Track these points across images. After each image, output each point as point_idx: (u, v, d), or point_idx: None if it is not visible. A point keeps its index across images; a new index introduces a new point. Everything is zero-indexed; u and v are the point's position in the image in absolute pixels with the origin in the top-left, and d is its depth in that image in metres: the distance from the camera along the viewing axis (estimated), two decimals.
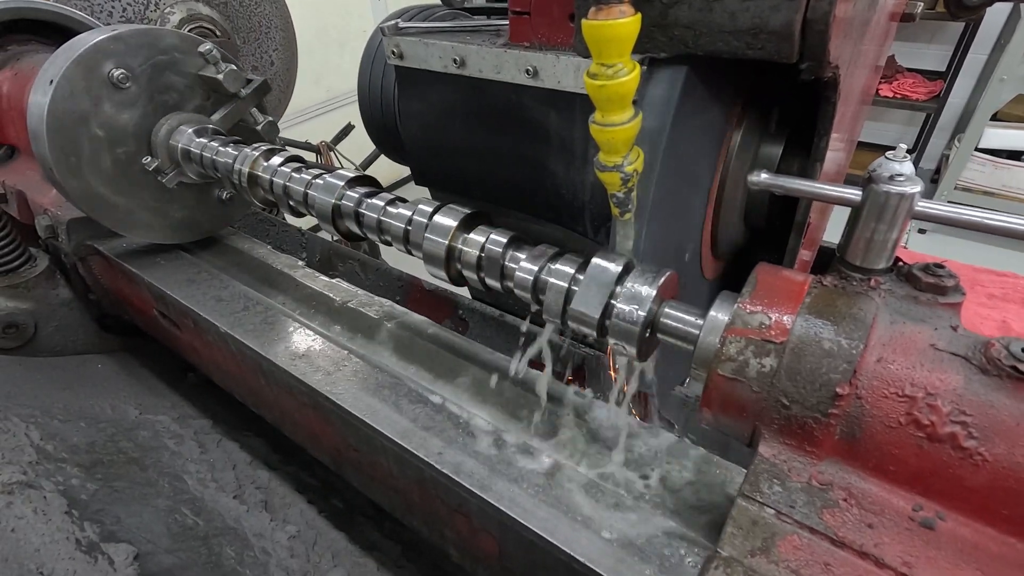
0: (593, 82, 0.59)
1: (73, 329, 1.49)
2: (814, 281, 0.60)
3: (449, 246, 0.81)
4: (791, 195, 0.68)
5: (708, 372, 0.58)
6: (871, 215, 0.57)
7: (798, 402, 0.53)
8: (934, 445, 0.48)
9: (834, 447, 0.53)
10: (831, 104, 0.76)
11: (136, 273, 1.23)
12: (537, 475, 0.79)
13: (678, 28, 0.70)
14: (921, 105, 5.01)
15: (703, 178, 0.96)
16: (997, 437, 0.47)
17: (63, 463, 1.12)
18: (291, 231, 1.67)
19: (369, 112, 1.47)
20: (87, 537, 0.97)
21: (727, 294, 0.62)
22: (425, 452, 0.82)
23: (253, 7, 2.02)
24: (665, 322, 0.65)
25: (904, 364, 0.51)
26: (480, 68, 1.02)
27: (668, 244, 0.94)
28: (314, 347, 1.03)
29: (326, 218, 0.93)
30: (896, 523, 0.50)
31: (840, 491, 0.52)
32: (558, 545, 0.69)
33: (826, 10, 0.60)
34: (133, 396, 1.42)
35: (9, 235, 1.39)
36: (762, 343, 0.54)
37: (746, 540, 0.50)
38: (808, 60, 0.65)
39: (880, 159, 0.67)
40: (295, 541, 1.19)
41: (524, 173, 1.11)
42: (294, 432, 1.17)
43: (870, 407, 0.51)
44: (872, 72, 1.28)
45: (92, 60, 1.05)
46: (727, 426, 0.60)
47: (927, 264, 0.58)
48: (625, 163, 0.64)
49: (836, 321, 0.54)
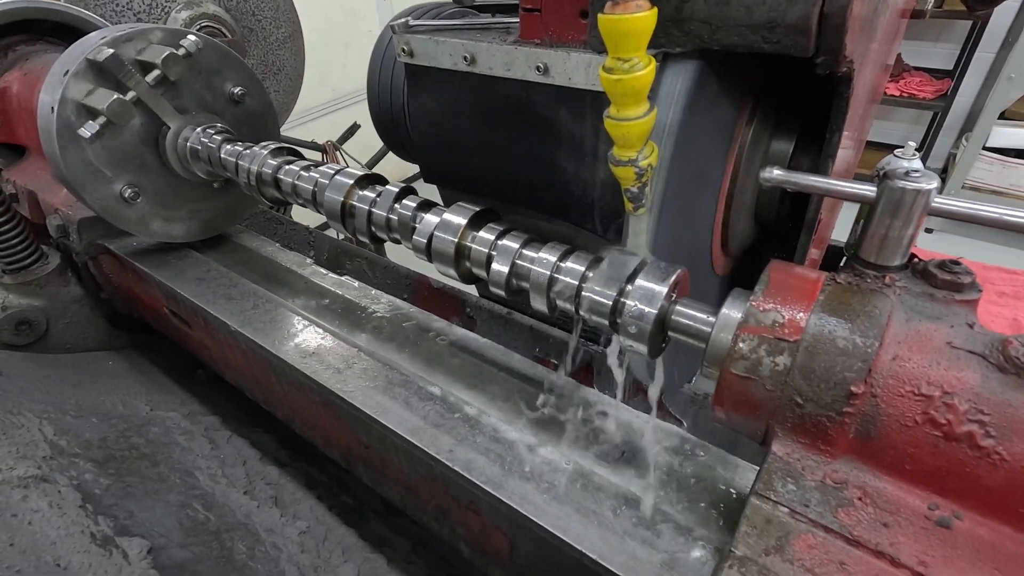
0: (609, 76, 0.59)
1: (84, 326, 1.50)
2: (828, 279, 0.59)
3: (459, 244, 0.81)
4: (803, 191, 0.68)
5: (721, 370, 0.58)
6: (887, 211, 0.57)
7: (812, 401, 0.53)
8: (950, 444, 0.48)
9: (849, 446, 0.53)
10: (844, 100, 0.75)
11: (147, 272, 1.24)
12: (549, 473, 0.79)
13: (694, 22, 0.70)
14: (928, 104, 4.96)
15: (714, 174, 0.96)
16: (1015, 436, 0.46)
17: (76, 458, 1.13)
18: (299, 229, 1.67)
19: (378, 110, 1.47)
20: (101, 531, 0.98)
21: (739, 291, 0.62)
22: (436, 449, 0.82)
23: (261, 6, 2.03)
24: (676, 320, 0.65)
25: (920, 362, 0.50)
26: (490, 65, 1.02)
27: (679, 240, 0.94)
28: (324, 345, 1.03)
29: (335, 217, 0.94)
30: (912, 522, 0.49)
31: (855, 490, 0.52)
32: (570, 542, 0.69)
33: (843, 4, 0.59)
34: (144, 393, 1.43)
35: (21, 233, 1.40)
36: (775, 341, 0.54)
37: (760, 539, 0.50)
38: (824, 54, 0.64)
39: (889, 156, 0.67)
40: (305, 536, 1.19)
41: (533, 170, 1.11)
42: (304, 429, 1.17)
43: (885, 406, 0.50)
44: (882, 70, 1.27)
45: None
46: (740, 424, 0.60)
47: (943, 261, 0.58)
48: (640, 157, 0.64)
49: (850, 319, 0.54)
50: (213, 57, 1.18)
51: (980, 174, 4.61)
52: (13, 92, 1.35)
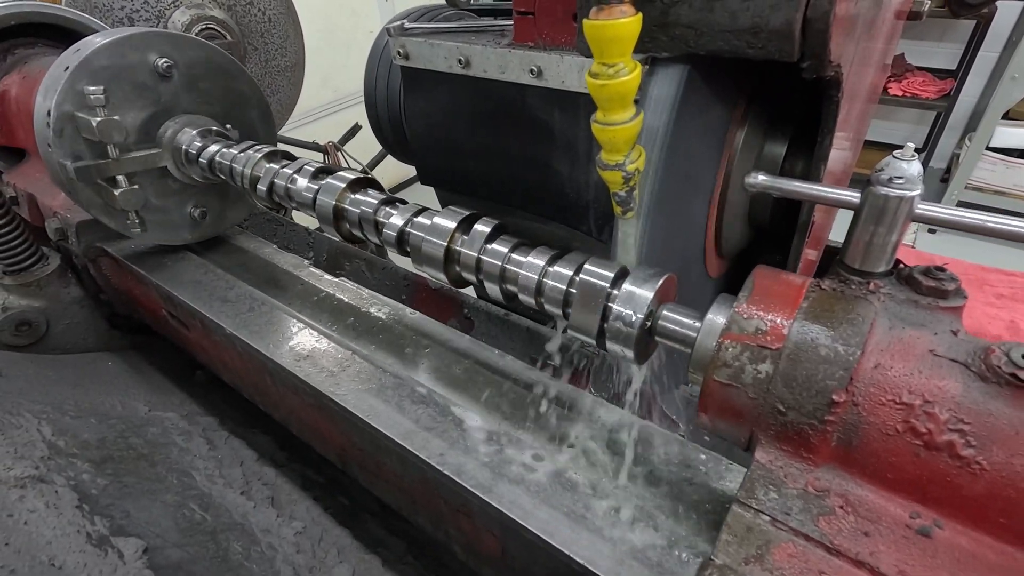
0: (595, 81, 0.59)
1: (84, 327, 1.52)
2: (812, 285, 0.59)
3: (448, 248, 0.81)
4: (789, 197, 0.68)
5: (705, 377, 0.58)
6: (870, 218, 0.57)
7: (794, 409, 0.53)
8: (931, 453, 0.48)
9: (831, 454, 0.53)
10: (834, 103, 0.75)
11: (144, 275, 1.25)
12: (539, 477, 0.79)
13: (679, 28, 0.69)
14: (931, 104, 4.92)
15: (706, 177, 0.96)
16: (995, 445, 0.46)
17: (74, 458, 1.14)
18: (298, 230, 1.68)
19: (375, 112, 1.48)
20: (97, 531, 0.98)
21: (725, 297, 0.62)
22: (427, 453, 0.82)
23: (262, 8, 2.04)
24: (663, 324, 0.65)
25: (902, 370, 0.50)
26: (485, 68, 1.02)
27: (671, 243, 0.93)
28: (319, 348, 1.03)
29: (327, 220, 0.94)
30: (893, 531, 0.49)
31: (836, 498, 0.52)
32: (558, 547, 0.70)
33: (826, 9, 0.59)
34: (142, 393, 1.44)
35: (22, 235, 1.41)
36: (758, 349, 0.54)
37: (740, 547, 0.50)
38: (809, 59, 0.64)
39: (888, 158, 0.67)
40: (301, 537, 1.20)
41: (528, 173, 1.11)
42: (300, 430, 1.18)
43: (867, 414, 0.50)
44: (879, 70, 1.26)
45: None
46: (724, 431, 0.60)
47: (928, 267, 0.57)
48: (627, 162, 0.64)
49: (833, 326, 0.54)
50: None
51: (983, 175, 4.57)
52: (12, 95, 1.36)
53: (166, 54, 1.13)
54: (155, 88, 1.13)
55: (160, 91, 1.14)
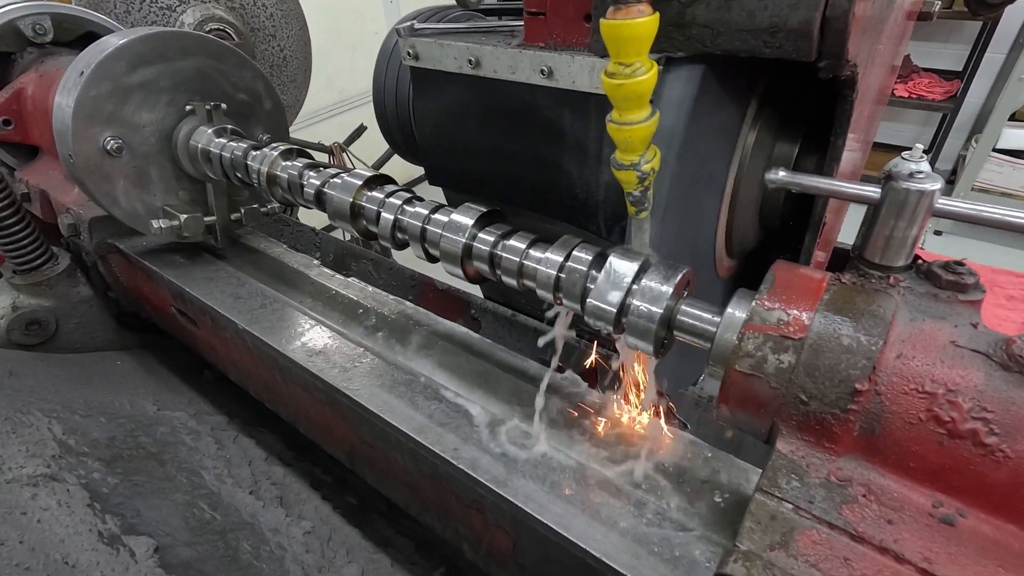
0: (611, 81, 0.59)
1: (93, 326, 1.52)
2: (832, 278, 0.60)
3: (466, 244, 0.81)
4: (808, 193, 0.68)
5: (726, 368, 0.58)
6: (891, 212, 0.57)
7: (817, 398, 0.53)
8: (954, 441, 0.48)
9: (853, 443, 0.53)
10: (849, 103, 0.76)
11: (155, 271, 1.25)
12: (552, 472, 0.79)
13: (696, 27, 0.70)
14: (937, 105, 4.94)
15: (718, 177, 0.96)
16: (1019, 433, 0.46)
17: (85, 457, 1.14)
18: (305, 231, 1.68)
19: (384, 112, 1.48)
20: (109, 529, 0.98)
21: (744, 292, 0.63)
22: (441, 448, 0.83)
23: (269, 9, 2.05)
24: (682, 319, 0.65)
25: (924, 360, 0.51)
26: (495, 68, 1.02)
27: (683, 243, 0.94)
28: (330, 344, 1.04)
29: (344, 217, 0.94)
30: (916, 519, 0.50)
31: (859, 487, 0.52)
32: (574, 540, 0.70)
33: (845, 8, 0.60)
34: (151, 392, 1.44)
35: (32, 234, 1.42)
36: (780, 339, 0.55)
37: (764, 534, 0.50)
38: (827, 58, 0.65)
39: (896, 159, 0.67)
40: (310, 536, 1.20)
41: (538, 173, 1.12)
42: (309, 428, 1.18)
43: (890, 403, 0.51)
44: (889, 72, 1.27)
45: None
46: (744, 422, 0.60)
47: (947, 262, 0.58)
48: (642, 161, 0.64)
49: (855, 318, 0.54)
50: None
51: (990, 176, 4.58)
52: (28, 93, 1.37)
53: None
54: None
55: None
